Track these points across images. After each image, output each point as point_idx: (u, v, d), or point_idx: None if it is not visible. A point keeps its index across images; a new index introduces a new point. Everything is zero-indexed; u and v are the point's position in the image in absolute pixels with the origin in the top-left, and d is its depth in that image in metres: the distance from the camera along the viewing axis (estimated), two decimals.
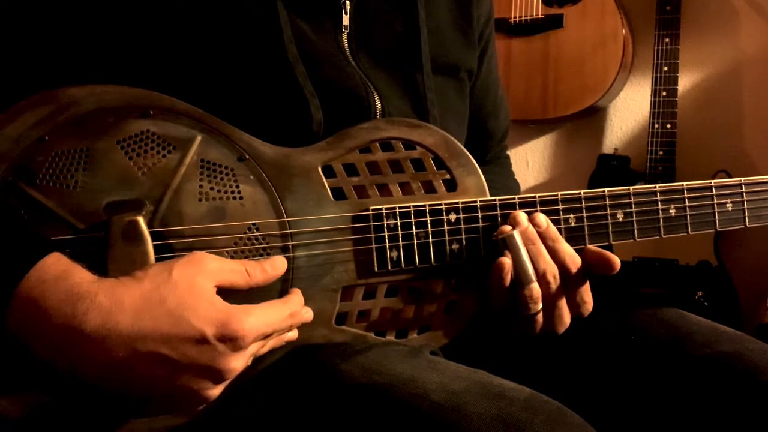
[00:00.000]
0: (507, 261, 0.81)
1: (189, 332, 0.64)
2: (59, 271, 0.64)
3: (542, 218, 0.84)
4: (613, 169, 2.39)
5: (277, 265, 0.76)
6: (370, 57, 0.91)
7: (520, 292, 0.81)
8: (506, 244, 0.81)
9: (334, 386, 0.73)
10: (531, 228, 0.83)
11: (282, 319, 0.72)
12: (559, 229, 0.86)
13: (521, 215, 0.83)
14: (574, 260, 0.84)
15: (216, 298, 0.68)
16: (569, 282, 0.84)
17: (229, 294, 0.70)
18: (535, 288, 0.81)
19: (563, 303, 0.84)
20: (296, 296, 0.76)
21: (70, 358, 0.62)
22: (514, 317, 0.83)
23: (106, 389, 0.65)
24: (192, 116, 0.77)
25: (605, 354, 0.89)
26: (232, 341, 0.66)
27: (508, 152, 1.27)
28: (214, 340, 0.65)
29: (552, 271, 0.82)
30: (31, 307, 0.62)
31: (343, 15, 0.89)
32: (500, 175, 1.16)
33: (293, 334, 0.77)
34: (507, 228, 0.82)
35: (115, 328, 0.62)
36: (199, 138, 0.77)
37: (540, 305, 0.82)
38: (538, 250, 0.82)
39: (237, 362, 0.67)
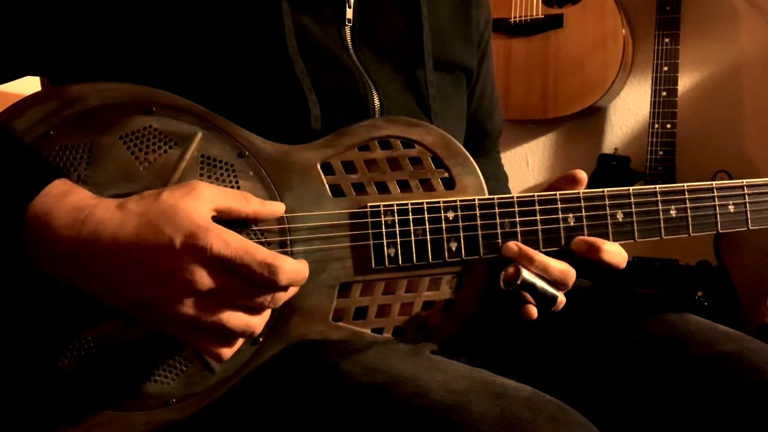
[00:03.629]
0: (533, 309, 0.84)
1: (160, 239, 0.66)
2: (66, 189, 0.69)
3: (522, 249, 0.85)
4: (613, 169, 2.39)
5: (275, 206, 0.76)
6: (372, 51, 0.91)
7: (549, 310, 0.84)
8: (522, 287, 0.83)
9: (336, 385, 0.73)
10: (524, 247, 0.84)
11: (254, 255, 0.67)
12: (558, 229, 0.86)
13: (509, 245, 0.84)
14: (625, 257, 0.86)
15: (198, 214, 0.67)
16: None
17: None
18: (562, 301, 0.84)
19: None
20: (294, 260, 0.71)
21: (66, 265, 0.67)
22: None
23: (98, 293, 0.68)
24: (193, 113, 0.78)
25: (605, 353, 0.89)
26: (195, 250, 0.65)
27: (506, 152, 1.28)
28: (181, 249, 0.65)
29: (565, 277, 0.85)
30: (40, 219, 0.67)
31: (347, 8, 0.89)
32: (488, 165, 1.17)
33: (269, 297, 0.70)
34: (510, 270, 0.83)
35: (104, 236, 0.66)
36: (200, 134, 0.78)
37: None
38: (542, 261, 0.84)
39: (200, 274, 0.65)
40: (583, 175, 0.89)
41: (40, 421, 0.73)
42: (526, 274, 0.82)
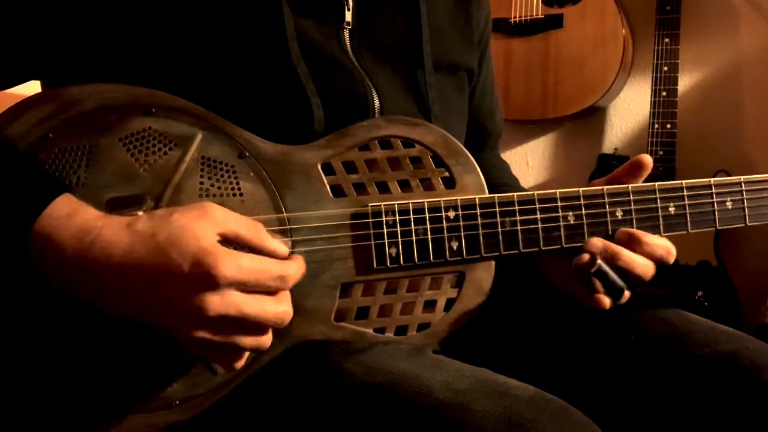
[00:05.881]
0: (605, 299, 0.86)
1: (168, 265, 0.65)
2: (71, 209, 0.68)
3: (624, 233, 0.87)
4: (613, 169, 2.38)
5: (280, 246, 0.75)
6: (372, 54, 0.91)
7: (616, 301, 0.86)
8: (596, 274, 0.84)
9: (338, 385, 0.74)
10: (609, 243, 0.86)
11: (266, 272, 0.69)
12: (558, 227, 0.86)
13: (593, 241, 0.86)
14: (668, 249, 0.88)
15: (206, 239, 0.67)
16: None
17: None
18: (627, 295, 0.86)
19: None
20: (296, 262, 0.74)
21: (75, 285, 0.67)
22: None
23: (110, 311, 0.68)
24: (193, 114, 0.78)
25: (606, 353, 0.89)
26: (205, 278, 0.65)
27: (506, 152, 1.28)
28: (190, 276, 0.65)
29: (646, 273, 0.87)
30: (46, 240, 0.66)
31: (346, 11, 0.89)
32: (486, 159, 1.16)
33: (278, 309, 0.71)
34: (585, 257, 0.84)
35: (111, 259, 0.66)
36: (200, 135, 0.77)
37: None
38: (628, 257, 0.86)
39: (211, 301, 0.66)
40: (648, 160, 0.90)
41: (41, 423, 0.72)
42: (601, 262, 0.83)
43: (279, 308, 0.70)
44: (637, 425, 0.84)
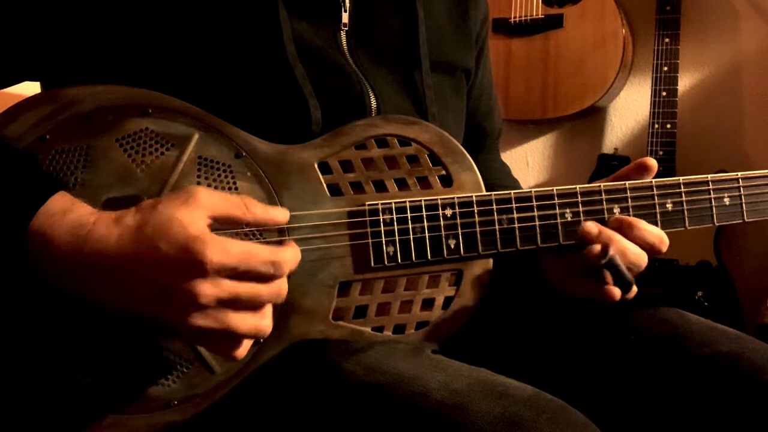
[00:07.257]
0: (616, 290, 0.86)
1: (158, 256, 0.65)
2: (65, 206, 0.68)
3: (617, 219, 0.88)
4: (613, 169, 2.37)
5: (278, 214, 0.74)
6: (368, 54, 0.91)
7: (625, 295, 0.86)
8: (607, 265, 0.84)
9: (337, 385, 0.74)
10: (604, 228, 0.86)
11: (256, 256, 0.67)
12: (555, 224, 0.86)
13: (589, 226, 0.86)
14: (661, 238, 0.88)
15: (194, 225, 0.66)
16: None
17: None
18: (635, 290, 0.86)
19: None
20: (290, 248, 0.71)
21: (72, 281, 0.67)
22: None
23: (107, 307, 0.68)
24: (190, 114, 0.78)
25: (606, 353, 0.89)
26: (194, 264, 0.65)
27: (506, 152, 1.27)
28: (179, 263, 0.65)
29: (639, 261, 0.87)
30: (41, 237, 0.67)
31: (343, 13, 0.89)
32: (487, 161, 1.16)
33: (272, 290, 0.70)
34: (597, 248, 0.84)
35: (104, 253, 0.66)
36: (196, 136, 0.78)
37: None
38: (620, 243, 0.86)
39: (202, 288, 0.65)
40: (653, 162, 0.91)
41: (41, 424, 0.73)
42: (613, 253, 0.83)
43: (273, 285, 0.69)
44: (637, 425, 0.84)
